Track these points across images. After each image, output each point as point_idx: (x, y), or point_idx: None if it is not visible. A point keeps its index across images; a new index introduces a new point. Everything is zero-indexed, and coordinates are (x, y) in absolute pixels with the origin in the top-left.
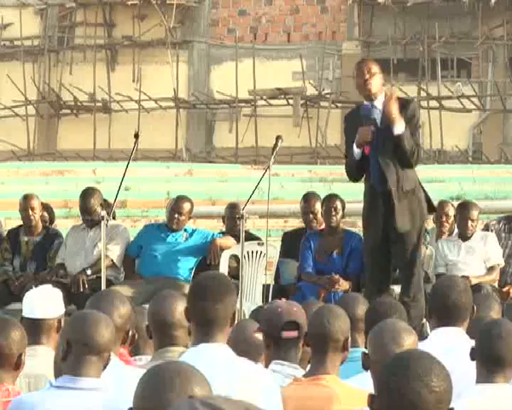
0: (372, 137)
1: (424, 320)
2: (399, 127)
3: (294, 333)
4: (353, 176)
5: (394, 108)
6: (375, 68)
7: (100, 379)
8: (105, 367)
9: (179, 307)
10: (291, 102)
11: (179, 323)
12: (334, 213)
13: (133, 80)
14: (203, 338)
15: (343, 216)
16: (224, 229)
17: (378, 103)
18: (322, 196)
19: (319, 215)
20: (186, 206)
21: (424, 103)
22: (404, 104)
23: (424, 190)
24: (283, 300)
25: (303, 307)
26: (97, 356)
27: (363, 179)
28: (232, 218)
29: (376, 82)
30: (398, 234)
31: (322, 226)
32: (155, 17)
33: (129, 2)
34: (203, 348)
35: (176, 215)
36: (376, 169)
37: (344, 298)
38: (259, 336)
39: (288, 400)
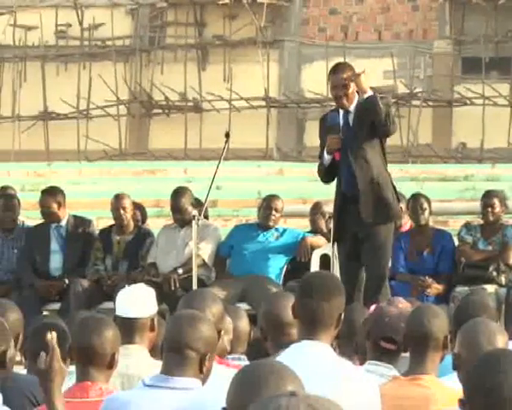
0: (341, 144)
1: None
2: (369, 93)
3: (392, 347)
4: (324, 179)
5: (361, 81)
6: (348, 75)
7: (193, 379)
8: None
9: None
10: None
11: (294, 321)
12: (420, 211)
13: (224, 80)
14: (307, 336)
15: (431, 213)
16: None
17: (353, 108)
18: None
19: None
20: (280, 203)
21: None
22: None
23: (395, 190)
24: (400, 301)
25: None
26: (194, 357)
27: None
28: (312, 216)
29: (351, 94)
30: (366, 233)
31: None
32: (246, 16)
33: (220, 2)
34: (304, 345)
35: (273, 212)
36: (346, 174)
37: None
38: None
39: (385, 398)
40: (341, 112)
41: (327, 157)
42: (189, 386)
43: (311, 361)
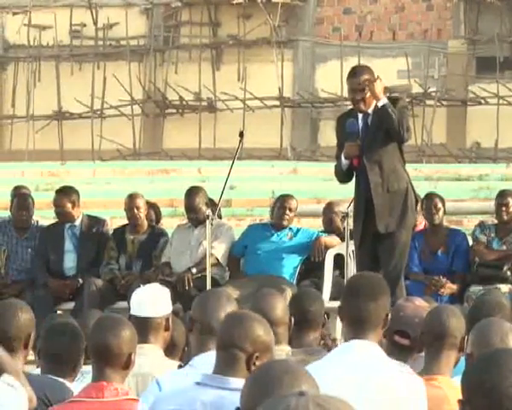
0: (359, 151)
1: None
2: (383, 101)
3: (406, 342)
4: (341, 180)
5: (377, 89)
6: (366, 79)
7: (241, 380)
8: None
9: (279, 305)
10: None
11: (281, 320)
12: (434, 211)
13: (238, 79)
14: (355, 336)
15: (445, 213)
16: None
17: (371, 110)
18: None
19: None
20: (294, 202)
21: None
22: (393, 102)
23: (414, 191)
24: (418, 300)
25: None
26: (241, 356)
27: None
28: (326, 216)
29: (368, 98)
30: (385, 234)
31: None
32: (260, 16)
33: (234, 2)
34: (354, 344)
35: (287, 212)
36: (365, 177)
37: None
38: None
39: None
40: (360, 115)
41: (344, 162)
42: (236, 387)
43: (359, 359)
